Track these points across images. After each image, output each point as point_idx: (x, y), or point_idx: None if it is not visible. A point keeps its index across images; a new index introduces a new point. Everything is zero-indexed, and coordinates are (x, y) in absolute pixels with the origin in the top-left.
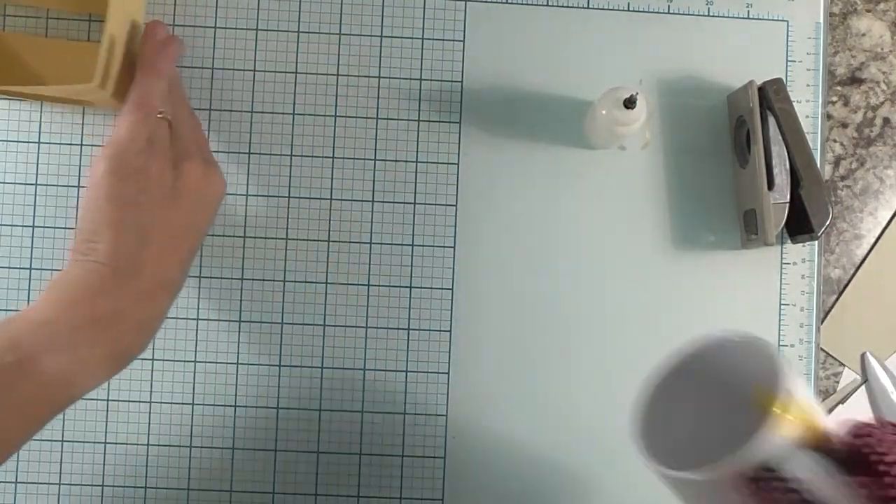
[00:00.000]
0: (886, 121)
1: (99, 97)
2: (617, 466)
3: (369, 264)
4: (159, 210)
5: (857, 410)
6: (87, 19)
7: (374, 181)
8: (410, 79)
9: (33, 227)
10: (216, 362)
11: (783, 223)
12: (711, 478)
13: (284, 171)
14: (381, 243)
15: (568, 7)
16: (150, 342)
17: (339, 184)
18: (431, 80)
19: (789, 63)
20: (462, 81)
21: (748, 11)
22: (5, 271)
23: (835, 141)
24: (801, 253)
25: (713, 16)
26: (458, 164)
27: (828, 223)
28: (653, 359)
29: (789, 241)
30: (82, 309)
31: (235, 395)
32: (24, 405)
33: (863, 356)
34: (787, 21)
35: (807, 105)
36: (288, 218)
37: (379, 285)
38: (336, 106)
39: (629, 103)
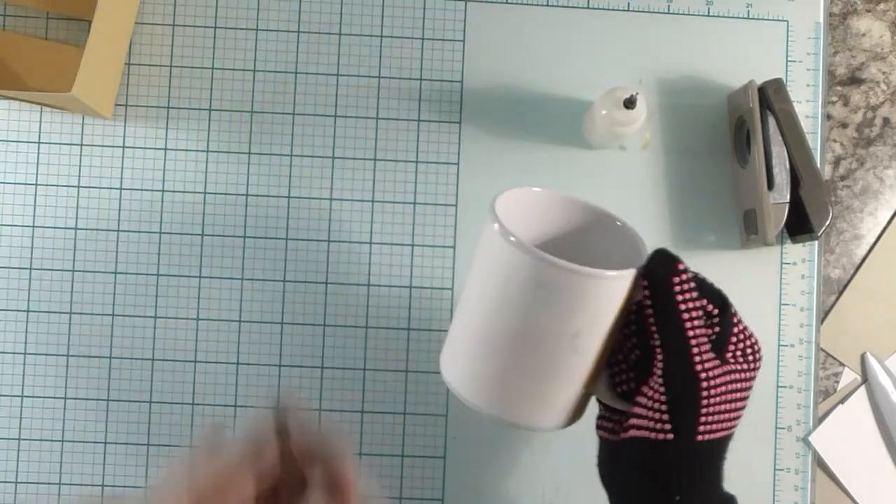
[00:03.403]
0: (886, 121)
1: (77, 106)
2: None
3: (369, 264)
4: None
5: (857, 410)
6: (88, 20)
7: (374, 181)
8: (410, 79)
9: (33, 227)
10: (216, 362)
11: (783, 223)
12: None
13: (284, 171)
14: (381, 243)
15: (568, 7)
16: None
17: (339, 184)
18: (431, 80)
19: (789, 63)
20: (462, 81)
21: (748, 11)
22: (5, 271)
23: (835, 141)
24: (801, 253)
25: (713, 16)
26: (458, 164)
27: (828, 223)
28: None
29: (789, 241)
30: None
31: (235, 394)
32: None
33: (863, 356)
34: (787, 21)
35: (807, 105)
36: (288, 218)
37: (379, 285)
38: (336, 106)
39: (629, 103)
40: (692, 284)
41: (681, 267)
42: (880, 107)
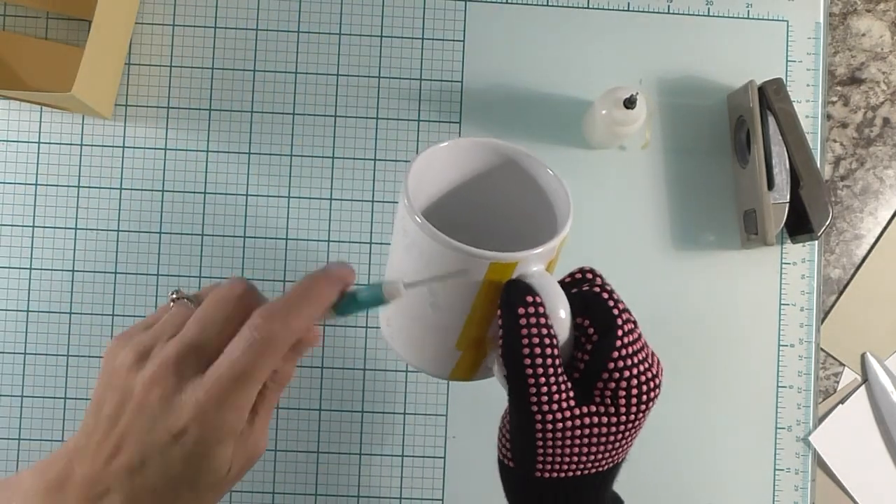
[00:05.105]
0: (886, 121)
1: (77, 106)
2: None
3: (369, 264)
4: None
5: (858, 410)
6: (88, 20)
7: (373, 181)
8: (410, 79)
9: (33, 227)
10: None
11: (783, 223)
12: (472, 264)
13: (284, 171)
14: (381, 243)
15: (568, 7)
16: None
17: (339, 184)
18: (431, 80)
19: (789, 63)
20: (462, 81)
21: (748, 11)
22: (5, 271)
23: (835, 141)
24: (801, 253)
25: (713, 16)
26: None
27: (828, 223)
28: None
29: (789, 241)
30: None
31: None
32: None
33: (863, 356)
34: (787, 21)
35: (807, 105)
36: (288, 218)
37: None
38: (336, 106)
39: (629, 103)
40: (542, 320)
41: (529, 299)
42: (880, 107)
